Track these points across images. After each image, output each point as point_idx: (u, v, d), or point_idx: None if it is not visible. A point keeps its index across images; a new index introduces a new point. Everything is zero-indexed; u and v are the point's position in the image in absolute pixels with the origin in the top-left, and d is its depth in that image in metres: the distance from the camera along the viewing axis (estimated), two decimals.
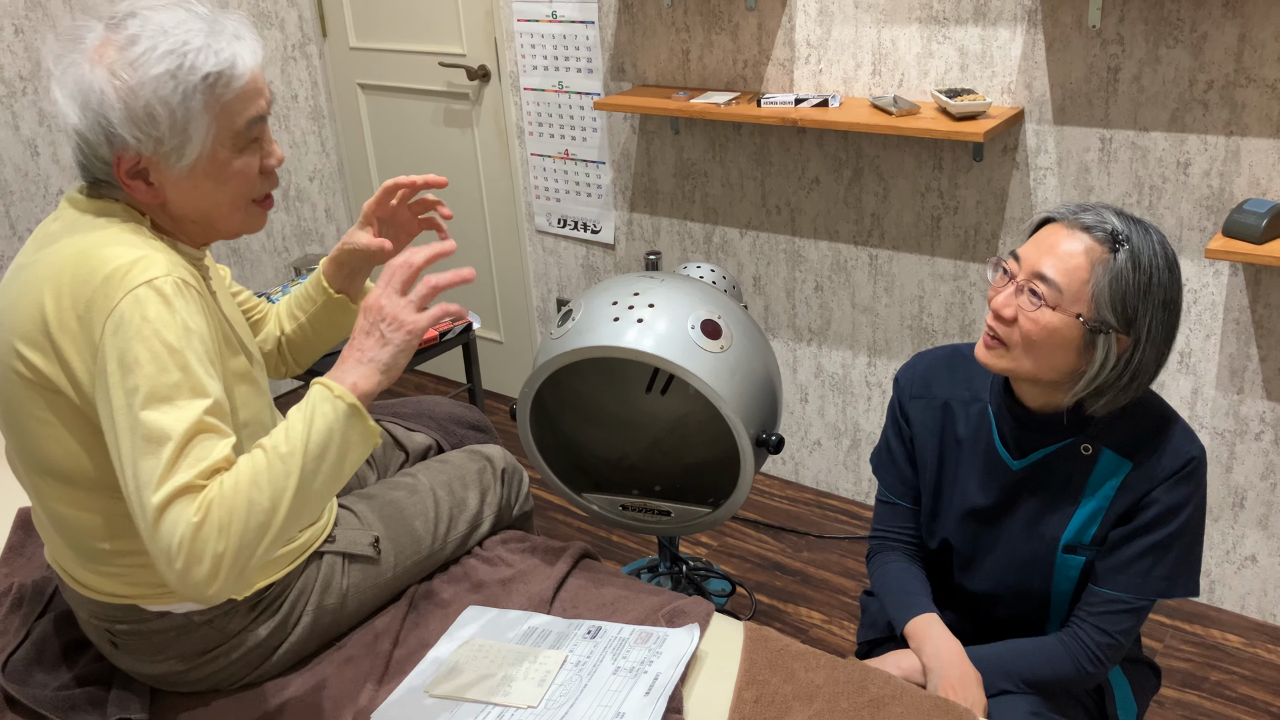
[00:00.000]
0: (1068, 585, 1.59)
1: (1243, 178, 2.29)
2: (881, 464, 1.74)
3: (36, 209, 3.23)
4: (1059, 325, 1.41)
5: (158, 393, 1.26)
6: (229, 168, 1.40)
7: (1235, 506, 2.54)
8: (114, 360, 1.27)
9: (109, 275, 1.29)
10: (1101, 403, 1.46)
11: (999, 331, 1.46)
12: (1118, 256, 1.38)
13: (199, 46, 1.33)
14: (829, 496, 3.18)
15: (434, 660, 1.59)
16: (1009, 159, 2.56)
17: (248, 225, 1.47)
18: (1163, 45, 2.29)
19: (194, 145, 1.35)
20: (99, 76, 1.31)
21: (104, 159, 1.35)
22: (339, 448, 1.32)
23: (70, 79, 1.33)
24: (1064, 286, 1.39)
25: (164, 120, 1.32)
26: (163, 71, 1.31)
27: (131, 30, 1.33)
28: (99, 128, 1.32)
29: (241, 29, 1.39)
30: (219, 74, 1.34)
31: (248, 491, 1.26)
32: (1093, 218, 1.41)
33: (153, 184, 1.38)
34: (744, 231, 3.05)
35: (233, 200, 1.43)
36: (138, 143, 1.33)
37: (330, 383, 1.34)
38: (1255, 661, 2.47)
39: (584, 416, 2.27)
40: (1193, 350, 2.48)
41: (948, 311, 2.78)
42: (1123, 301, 1.39)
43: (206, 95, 1.34)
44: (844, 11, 2.65)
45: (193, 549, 1.23)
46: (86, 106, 1.32)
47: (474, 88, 3.47)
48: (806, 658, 1.56)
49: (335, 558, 1.64)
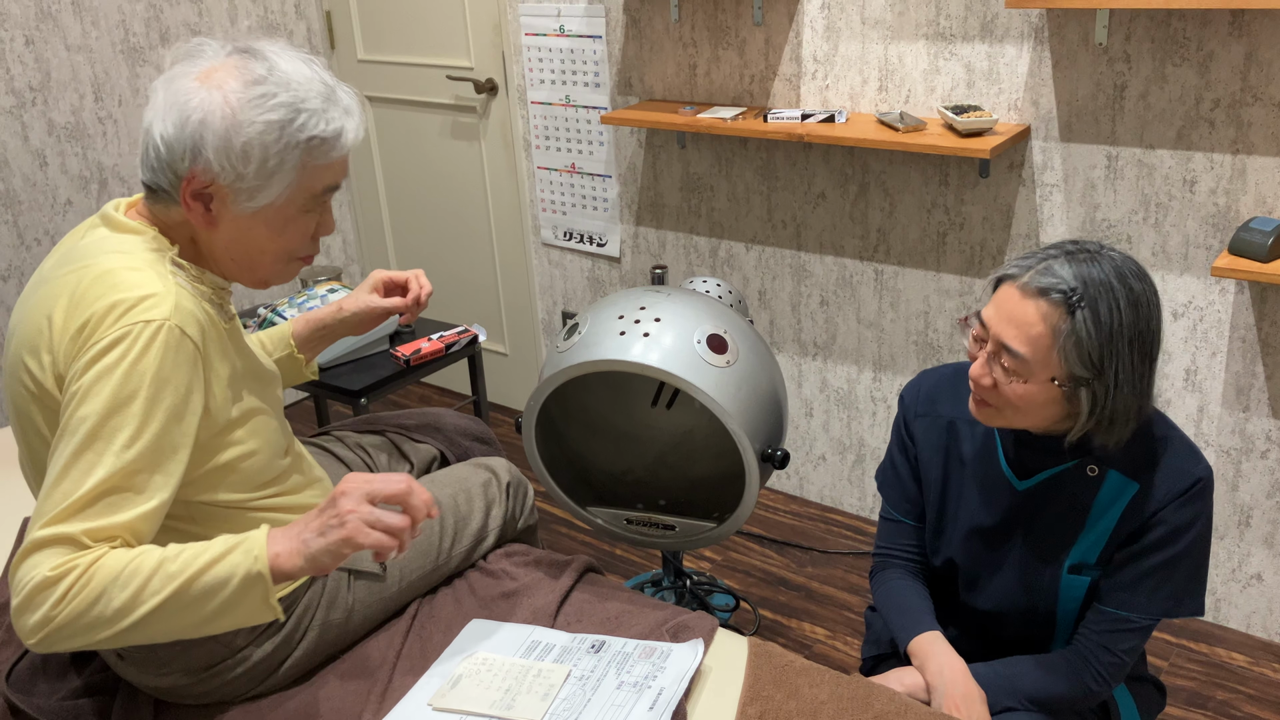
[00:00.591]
0: (1073, 605, 1.59)
1: (1249, 196, 2.29)
2: (886, 481, 1.74)
3: (44, 218, 3.24)
4: (1035, 391, 1.42)
5: (100, 431, 1.27)
6: (290, 223, 1.43)
7: (1241, 525, 2.53)
8: (92, 377, 1.29)
9: (114, 304, 1.31)
10: (1100, 437, 1.46)
11: (984, 397, 1.47)
12: (1076, 318, 1.37)
13: (314, 110, 1.37)
14: (834, 512, 3.18)
15: (438, 674, 1.59)
16: (1015, 175, 2.56)
17: (280, 277, 1.50)
18: (1169, 63, 2.29)
19: (269, 193, 1.38)
20: (213, 99, 1.34)
21: (177, 172, 1.37)
22: (225, 601, 1.28)
23: (178, 89, 1.35)
24: (1030, 357, 1.40)
25: (255, 162, 1.35)
26: (275, 120, 1.35)
27: (258, 70, 1.36)
28: (190, 143, 1.34)
29: (353, 105, 1.43)
30: (323, 140, 1.38)
31: (108, 582, 1.23)
32: (1047, 279, 1.39)
33: (212, 211, 1.40)
34: (750, 246, 3.06)
35: (276, 252, 1.46)
36: (220, 170, 1.35)
37: (261, 539, 1.30)
38: (1261, 680, 2.46)
39: (589, 430, 2.27)
40: (1199, 368, 2.47)
41: (953, 327, 2.78)
42: (1089, 357, 1.38)
43: (304, 155, 1.38)
44: (851, 27, 2.66)
45: (31, 598, 1.22)
46: (186, 121, 1.34)
47: (481, 101, 3.48)
48: (810, 674, 1.55)
49: (341, 574, 1.64)
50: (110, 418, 1.29)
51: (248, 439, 1.47)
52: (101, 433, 1.28)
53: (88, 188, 3.32)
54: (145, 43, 3.37)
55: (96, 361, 1.29)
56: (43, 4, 3.12)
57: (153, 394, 1.31)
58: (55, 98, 3.20)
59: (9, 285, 3.21)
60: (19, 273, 3.22)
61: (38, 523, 1.26)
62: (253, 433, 1.48)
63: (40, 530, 1.24)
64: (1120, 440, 1.46)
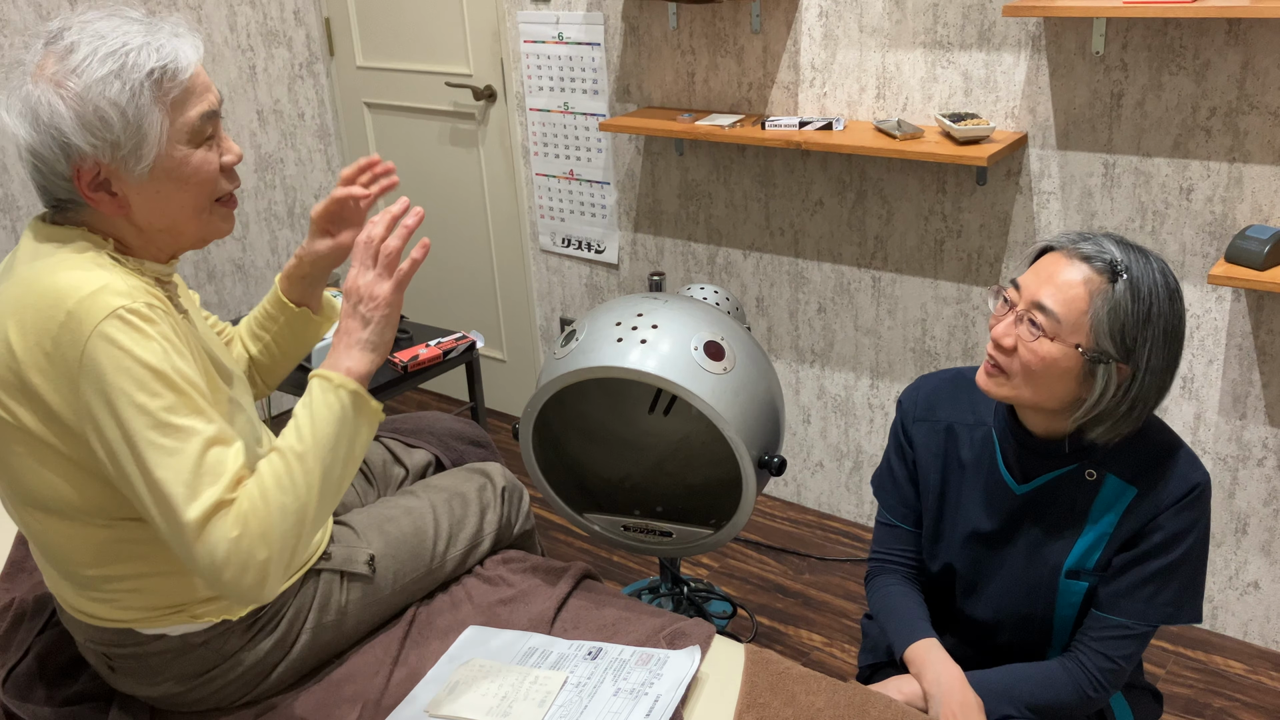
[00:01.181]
0: (1070, 611, 1.59)
1: (1245, 204, 2.30)
2: (883, 486, 1.74)
3: None
4: (1058, 355, 1.41)
5: (156, 419, 1.28)
6: (188, 165, 1.38)
7: (1238, 532, 2.53)
8: (100, 399, 1.28)
9: (72, 310, 1.28)
10: (1100, 430, 1.46)
11: (999, 360, 1.46)
12: (1116, 287, 1.38)
13: (139, 45, 1.33)
14: (831, 518, 3.18)
15: (434, 680, 1.59)
16: (1012, 183, 2.57)
17: (215, 228, 1.46)
18: (1166, 72, 2.30)
19: (150, 143, 1.34)
20: (44, 90, 1.31)
21: (63, 175, 1.34)
22: (349, 436, 1.39)
23: (16, 100, 1.32)
24: (1062, 317, 1.40)
25: (116, 121, 1.31)
26: (106, 73, 1.31)
27: (68, 40, 1.33)
28: (53, 141, 1.31)
29: (179, 28, 1.39)
30: (163, 68, 1.34)
31: (277, 498, 1.31)
32: (1092, 247, 1.41)
33: (116, 194, 1.36)
34: (747, 253, 3.06)
35: (197, 201, 1.41)
36: (94, 150, 1.32)
37: (328, 374, 1.39)
38: (1257, 688, 2.46)
39: (587, 436, 2.27)
40: (1195, 376, 2.48)
41: (950, 334, 2.78)
42: (1121, 332, 1.39)
43: (154, 91, 1.33)
44: (849, 35, 2.67)
45: (238, 561, 1.29)
46: (37, 122, 1.31)
47: (480, 108, 3.49)
48: (807, 681, 1.55)
49: (332, 575, 1.64)
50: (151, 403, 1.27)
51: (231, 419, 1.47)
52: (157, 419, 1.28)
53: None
54: None
55: (96, 370, 1.27)
56: (41, 9, 3.12)
57: (165, 361, 1.30)
58: None
59: None
60: None
61: (176, 517, 1.28)
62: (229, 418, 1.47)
63: (188, 516, 1.28)
64: (1120, 436, 1.46)
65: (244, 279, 3.77)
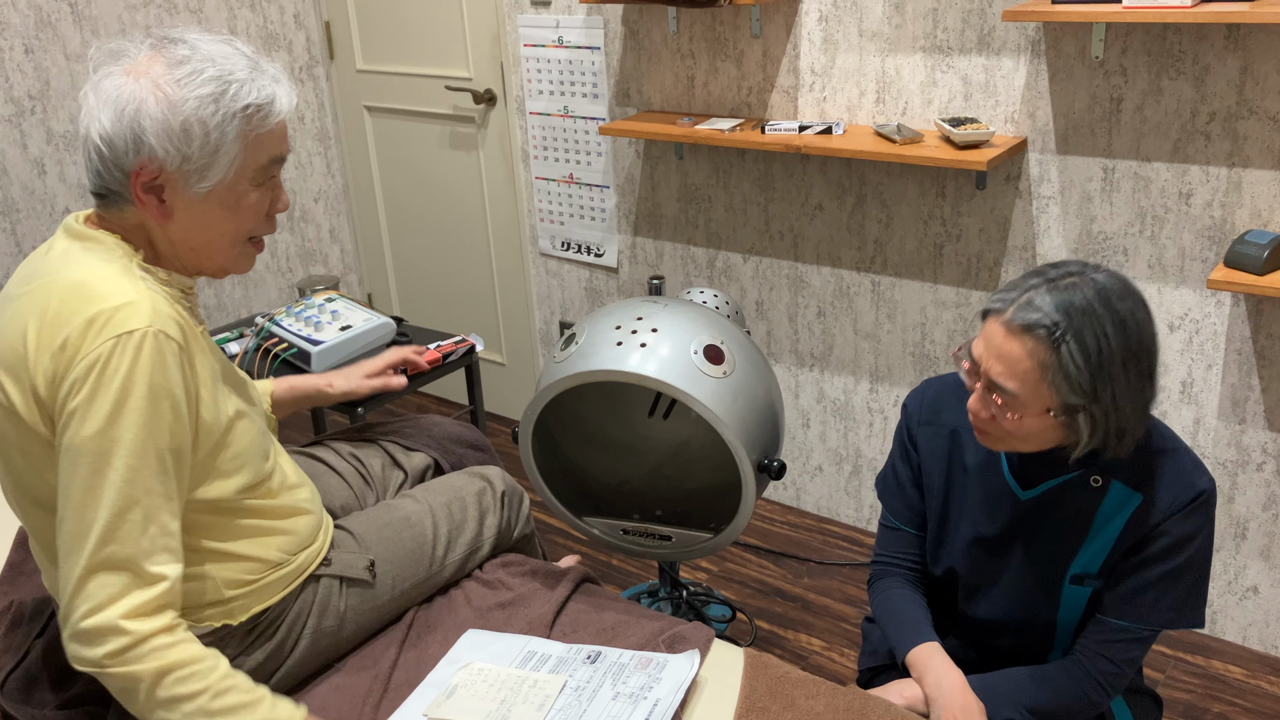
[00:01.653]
0: (1073, 615, 1.59)
1: (1244, 209, 2.30)
2: (887, 489, 1.74)
3: (42, 227, 3.25)
4: (1031, 423, 1.43)
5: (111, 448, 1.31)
6: (243, 200, 1.44)
7: (1237, 537, 2.53)
8: (79, 402, 1.30)
9: (92, 318, 1.31)
10: (1108, 452, 1.47)
11: (984, 428, 1.48)
12: (1061, 352, 1.37)
13: (243, 79, 1.40)
14: (830, 522, 3.18)
15: (433, 684, 1.59)
16: (1012, 188, 2.57)
17: (238, 264, 1.51)
18: (1165, 77, 2.30)
19: (218, 170, 1.39)
20: (142, 87, 1.35)
21: (124, 169, 1.37)
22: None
23: (108, 86, 1.37)
24: (1019, 392, 1.40)
25: (198, 139, 1.36)
26: (207, 94, 1.37)
27: (180, 52, 1.38)
28: (130, 134, 1.35)
29: (280, 75, 1.46)
30: (258, 107, 1.40)
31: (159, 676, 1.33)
32: (1029, 315, 1.38)
33: (165, 201, 1.40)
34: (747, 257, 3.06)
35: (234, 233, 1.46)
36: (165, 155, 1.36)
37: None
38: (1257, 693, 2.46)
39: (586, 440, 2.27)
40: (1194, 380, 2.48)
41: (949, 339, 2.78)
42: (1080, 386, 1.38)
43: (243, 125, 1.39)
44: (848, 40, 2.67)
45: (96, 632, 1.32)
46: (122, 114, 1.35)
47: (480, 111, 3.49)
48: (807, 685, 1.55)
49: (332, 580, 1.64)
50: (115, 433, 1.30)
51: (232, 442, 1.47)
52: (114, 449, 1.30)
53: (86, 196, 3.32)
54: None
55: (86, 379, 1.30)
56: (43, 13, 3.13)
57: (151, 402, 1.31)
58: (54, 106, 3.21)
59: None
60: None
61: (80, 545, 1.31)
62: (237, 435, 1.48)
63: (95, 554, 1.31)
64: (1128, 449, 1.46)
65: (242, 282, 3.77)
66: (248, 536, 1.51)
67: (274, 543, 1.54)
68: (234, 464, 1.48)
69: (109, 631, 1.31)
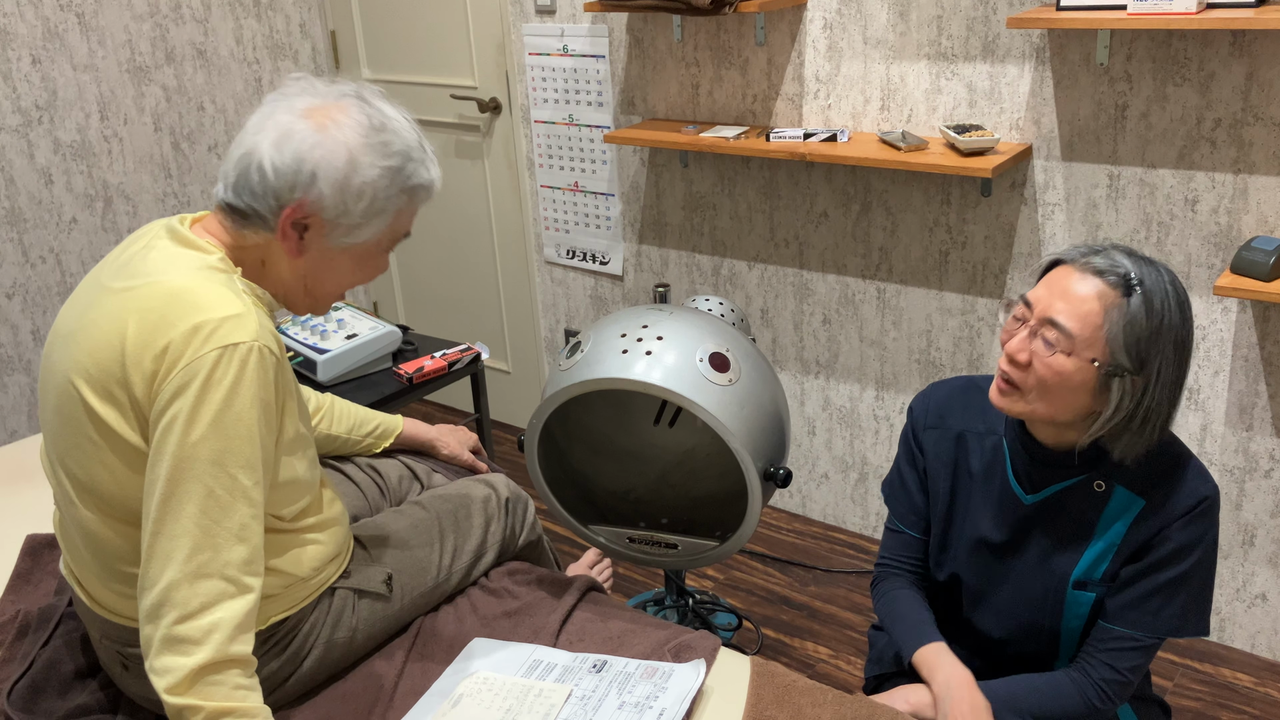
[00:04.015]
0: (1077, 622, 1.59)
1: (1250, 215, 2.30)
2: (892, 493, 1.74)
3: (49, 236, 3.26)
4: (1073, 370, 1.40)
5: (215, 456, 1.31)
6: (372, 260, 1.50)
7: (1245, 544, 2.52)
8: (182, 408, 1.30)
9: (199, 325, 1.32)
10: (1120, 445, 1.46)
11: (1013, 376, 1.45)
12: (1131, 301, 1.38)
13: (419, 159, 1.46)
14: (836, 530, 3.17)
15: (439, 693, 1.59)
16: (1017, 195, 2.57)
17: (320, 309, 1.56)
18: (1170, 83, 2.30)
19: (366, 232, 1.44)
20: (336, 139, 1.39)
21: (282, 200, 1.40)
22: None
23: (291, 121, 1.39)
24: (1077, 332, 1.39)
25: (366, 202, 1.41)
26: (391, 166, 1.42)
27: (379, 119, 1.43)
28: (307, 176, 1.38)
29: (434, 156, 1.52)
30: (423, 188, 1.48)
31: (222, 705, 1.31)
32: (1104, 261, 1.41)
33: (304, 240, 1.43)
34: (752, 264, 3.06)
35: (348, 286, 1.52)
36: (330, 206, 1.40)
37: None
38: (1266, 701, 2.45)
39: (592, 448, 2.27)
40: (1201, 387, 2.47)
41: (955, 346, 2.78)
42: (1136, 345, 1.39)
43: (405, 200, 1.46)
44: (853, 47, 2.67)
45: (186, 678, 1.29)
46: (307, 155, 1.38)
47: (485, 120, 3.49)
48: (813, 693, 1.55)
49: (347, 593, 1.64)
50: (218, 443, 1.30)
51: (298, 462, 1.48)
52: (215, 458, 1.30)
53: (93, 206, 3.34)
54: (151, 62, 3.38)
55: (189, 386, 1.29)
56: (50, 24, 3.14)
57: (254, 414, 1.33)
58: (61, 116, 3.22)
59: (13, 303, 3.22)
60: (24, 290, 3.23)
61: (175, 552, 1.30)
62: (302, 456, 1.49)
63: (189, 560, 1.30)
64: (1137, 451, 1.46)
65: None
66: (285, 550, 1.52)
67: (306, 555, 1.55)
68: (295, 483, 1.49)
69: (201, 636, 1.29)
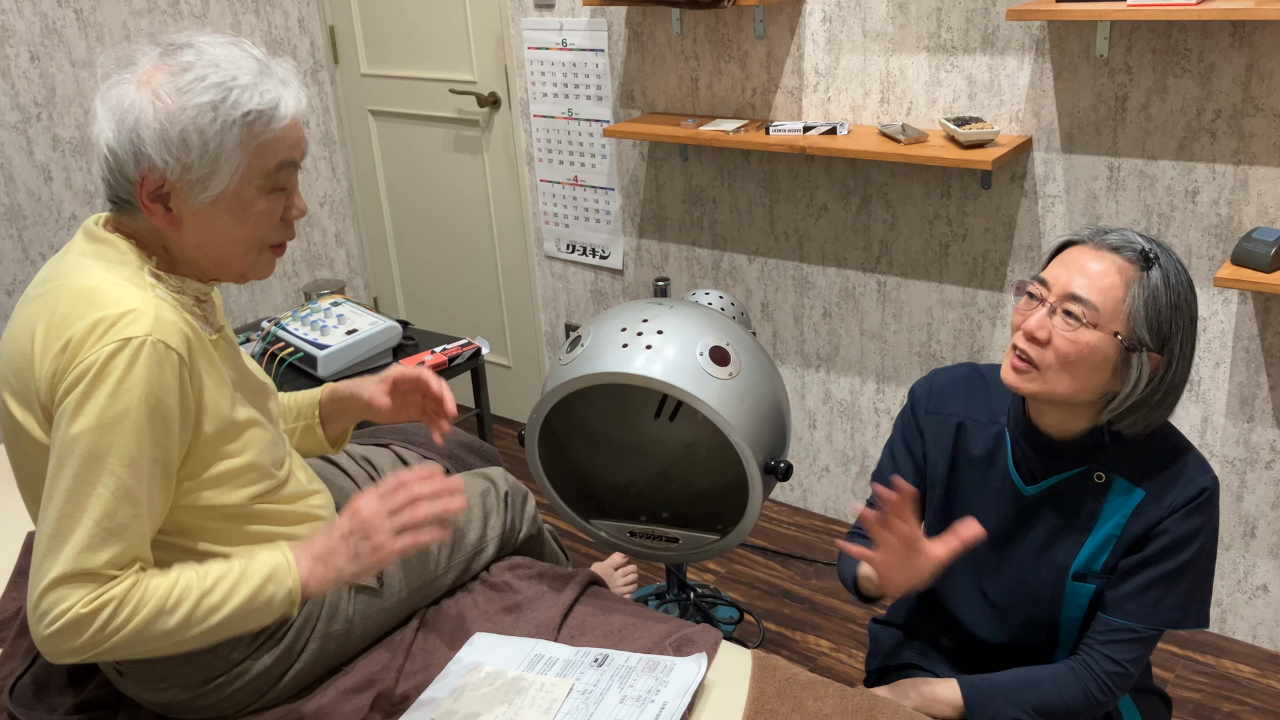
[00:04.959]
0: (1077, 614, 1.58)
1: (1251, 206, 2.29)
2: (881, 474, 1.72)
3: (49, 233, 3.25)
4: (1097, 344, 1.40)
5: (95, 451, 1.30)
6: (251, 207, 1.42)
7: (1246, 535, 2.52)
8: (71, 402, 1.30)
9: (96, 322, 1.32)
10: (1130, 420, 1.46)
11: (1031, 354, 1.44)
12: (1151, 274, 1.39)
13: (246, 85, 1.37)
14: (837, 523, 3.17)
15: (440, 687, 1.59)
16: (1017, 187, 2.57)
17: (257, 270, 1.49)
18: (1170, 75, 2.30)
19: (220, 178, 1.38)
20: (143, 97, 1.35)
21: (129, 178, 1.38)
22: (257, 613, 1.39)
23: (114, 96, 1.37)
24: (1099, 305, 1.39)
25: (196, 148, 1.35)
26: (206, 102, 1.35)
27: (185, 58, 1.37)
28: (130, 145, 1.35)
29: (289, 76, 1.43)
30: (260, 113, 1.38)
31: (152, 615, 1.32)
32: (1119, 238, 1.42)
33: (172, 210, 1.40)
34: (752, 258, 3.06)
35: (248, 241, 1.45)
36: (165, 165, 1.35)
37: (293, 564, 1.40)
38: (1267, 693, 2.45)
39: (592, 442, 2.27)
40: (1202, 378, 2.47)
41: (956, 338, 2.78)
42: (1157, 319, 1.39)
43: (244, 132, 1.37)
44: (852, 40, 2.67)
45: (69, 629, 1.29)
46: (123, 124, 1.35)
47: (484, 114, 3.49)
48: (815, 686, 1.55)
49: None
50: (103, 437, 1.30)
51: (242, 451, 1.47)
52: (97, 453, 1.30)
53: (92, 202, 3.33)
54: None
55: (81, 381, 1.30)
56: (48, 20, 3.13)
57: (143, 411, 1.32)
58: (60, 113, 3.21)
59: (14, 300, 3.22)
60: (23, 287, 3.23)
61: (52, 554, 1.29)
62: (247, 445, 1.48)
63: (60, 567, 1.29)
64: (1152, 425, 1.46)
65: (248, 286, 3.77)
66: (259, 542, 1.51)
67: None
68: (244, 472, 1.48)
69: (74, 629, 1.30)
